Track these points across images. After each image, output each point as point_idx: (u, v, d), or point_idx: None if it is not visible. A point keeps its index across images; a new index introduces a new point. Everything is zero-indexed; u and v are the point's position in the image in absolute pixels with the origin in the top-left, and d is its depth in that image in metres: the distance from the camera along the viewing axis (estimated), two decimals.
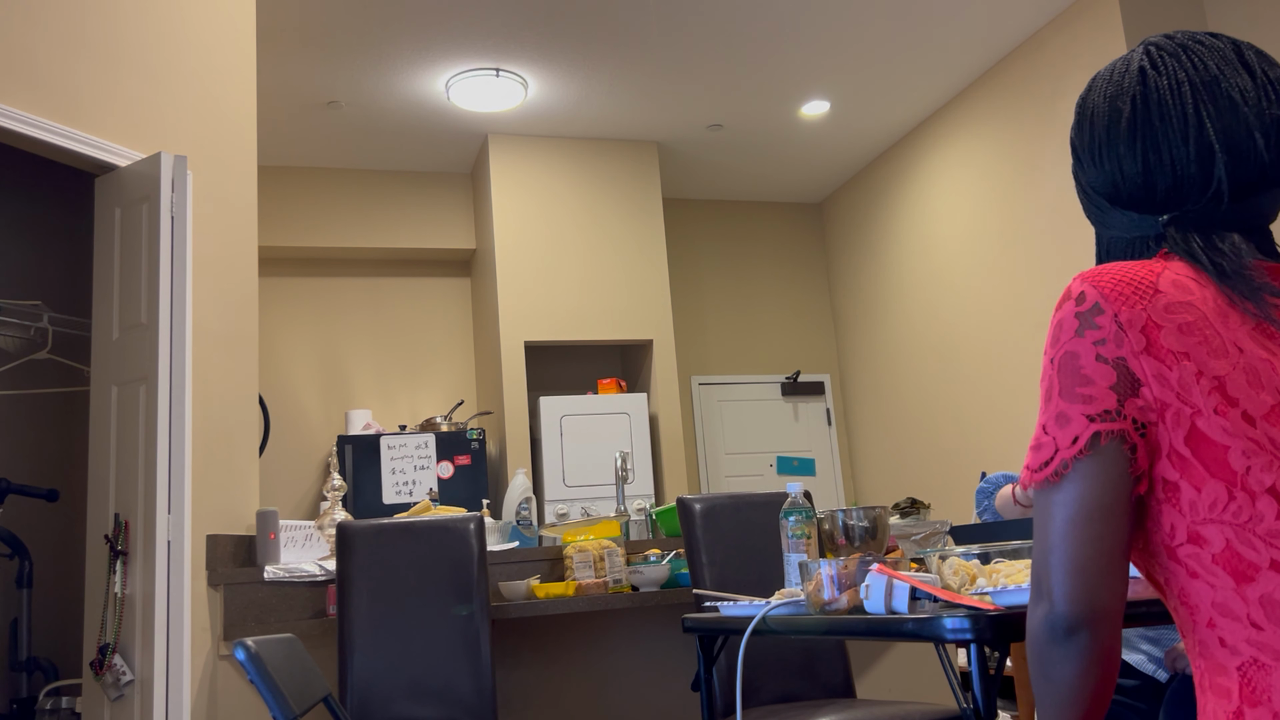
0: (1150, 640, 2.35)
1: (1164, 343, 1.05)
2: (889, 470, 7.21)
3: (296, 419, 6.56)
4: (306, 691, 2.25)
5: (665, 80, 5.94)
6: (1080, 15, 5.40)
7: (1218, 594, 1.04)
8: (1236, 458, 1.03)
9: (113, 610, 3.14)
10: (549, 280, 6.42)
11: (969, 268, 6.31)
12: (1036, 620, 1.09)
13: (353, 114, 6.07)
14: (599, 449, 6.20)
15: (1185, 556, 1.06)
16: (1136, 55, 1.21)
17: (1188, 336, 1.05)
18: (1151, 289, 1.08)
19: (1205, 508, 1.04)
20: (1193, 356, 1.05)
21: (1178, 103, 1.15)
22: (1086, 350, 1.08)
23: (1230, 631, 1.03)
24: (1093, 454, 1.06)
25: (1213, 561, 1.04)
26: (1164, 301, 1.07)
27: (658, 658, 3.59)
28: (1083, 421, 1.06)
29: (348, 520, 3.14)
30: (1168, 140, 1.15)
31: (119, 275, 3.38)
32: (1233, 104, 1.14)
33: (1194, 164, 1.14)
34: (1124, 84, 1.19)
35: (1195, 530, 1.05)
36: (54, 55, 3.30)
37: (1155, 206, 1.17)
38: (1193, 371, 1.04)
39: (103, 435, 3.32)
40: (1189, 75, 1.17)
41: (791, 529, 2.24)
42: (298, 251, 6.68)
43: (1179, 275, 1.10)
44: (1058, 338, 1.11)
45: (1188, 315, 1.06)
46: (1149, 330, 1.06)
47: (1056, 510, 1.07)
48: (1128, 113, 1.18)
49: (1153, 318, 1.06)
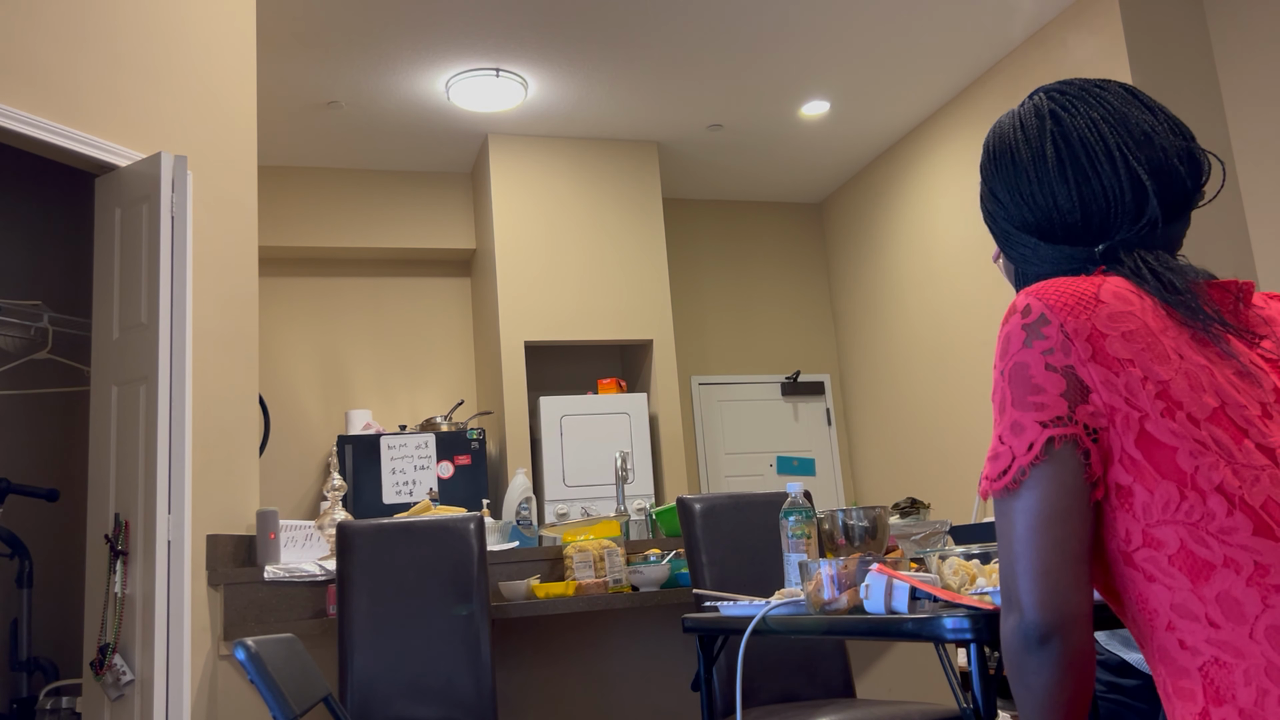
0: None
1: (1109, 350, 1.08)
2: (889, 470, 7.21)
3: (296, 419, 6.56)
4: (306, 691, 2.25)
5: (665, 80, 5.94)
6: (1080, 15, 5.40)
7: (1175, 595, 1.05)
8: (1185, 458, 1.05)
9: (113, 610, 3.14)
10: (549, 280, 6.42)
11: (969, 268, 6.31)
12: (1009, 630, 1.10)
13: (353, 114, 6.07)
14: (599, 449, 6.20)
15: (1141, 560, 1.08)
16: (1042, 102, 1.27)
17: (1131, 343, 1.09)
18: (1094, 299, 1.11)
19: (1159, 509, 1.06)
20: (1137, 362, 1.08)
21: (1098, 139, 1.21)
22: (1035, 360, 1.10)
23: (1189, 633, 1.05)
24: (1048, 460, 1.08)
25: (1169, 563, 1.06)
26: (1107, 311, 1.10)
27: (658, 658, 3.59)
28: (1036, 428, 1.09)
29: (348, 520, 3.14)
30: (1097, 173, 1.20)
31: (119, 275, 3.38)
32: (1147, 137, 1.20)
33: (1128, 193, 1.19)
34: (1040, 127, 1.24)
35: (1150, 533, 1.07)
36: (54, 55, 3.30)
37: (1089, 238, 1.21)
38: (1138, 377, 1.07)
39: (103, 435, 3.32)
40: (1100, 114, 1.22)
41: (791, 529, 2.24)
42: (298, 251, 6.68)
43: (1118, 288, 1.13)
44: (1006, 350, 1.14)
45: (1130, 324, 1.09)
46: (1094, 339, 1.09)
47: (1018, 518, 1.09)
48: (1052, 152, 1.22)
49: (1097, 326, 1.09)
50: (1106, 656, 2.43)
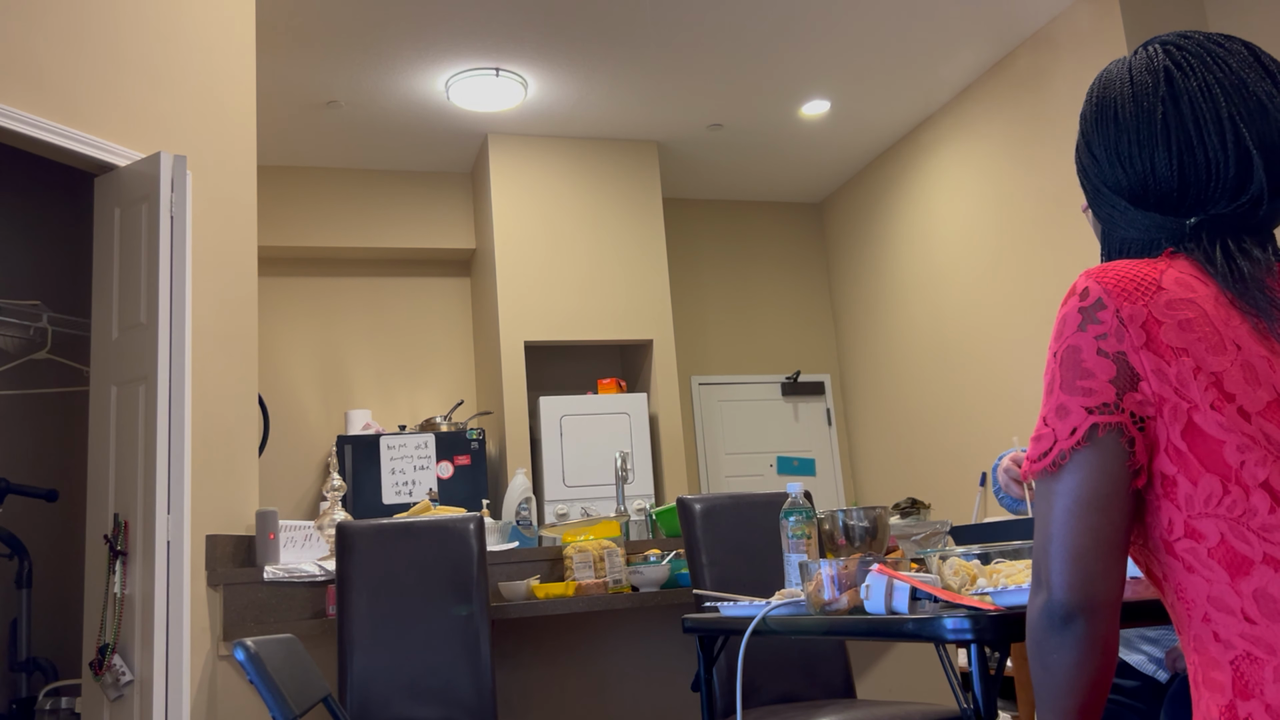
0: (1150, 641, 2.35)
1: (1164, 338, 1.07)
2: (889, 470, 7.21)
3: (296, 419, 6.56)
4: (306, 691, 2.25)
5: (665, 80, 5.94)
6: (1080, 15, 5.40)
7: (1213, 588, 1.05)
8: (1231, 452, 1.04)
9: (112, 610, 3.14)
10: (549, 280, 6.41)
11: (969, 268, 6.31)
12: (1035, 609, 1.11)
13: (353, 114, 6.06)
14: (599, 449, 6.20)
15: (1182, 551, 1.08)
16: (1157, 56, 1.20)
17: (1187, 333, 1.07)
18: (1154, 286, 1.09)
19: (1201, 502, 1.05)
20: (1191, 352, 1.06)
21: (1210, 105, 1.15)
22: (1088, 344, 1.09)
23: (1224, 626, 1.04)
24: (1090, 445, 1.08)
25: (1208, 555, 1.05)
26: (1165, 298, 1.08)
27: (658, 658, 3.58)
28: (1081, 413, 1.08)
29: (347, 520, 3.14)
30: (1204, 144, 1.15)
31: (119, 275, 3.38)
32: (1262, 108, 1.15)
33: (1232, 167, 1.14)
34: (1150, 86, 1.18)
35: (1191, 524, 1.06)
36: (54, 55, 3.30)
37: (1183, 209, 1.17)
38: (1191, 367, 1.05)
39: (102, 435, 3.32)
40: (1217, 78, 1.16)
41: (791, 529, 2.24)
42: (298, 251, 6.68)
43: (1182, 273, 1.11)
44: (1061, 332, 1.12)
45: (1188, 312, 1.07)
46: (1149, 326, 1.07)
47: (1055, 500, 1.09)
48: (1160, 114, 1.17)
49: (1154, 314, 1.08)
50: None
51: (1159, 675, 2.33)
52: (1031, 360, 5.79)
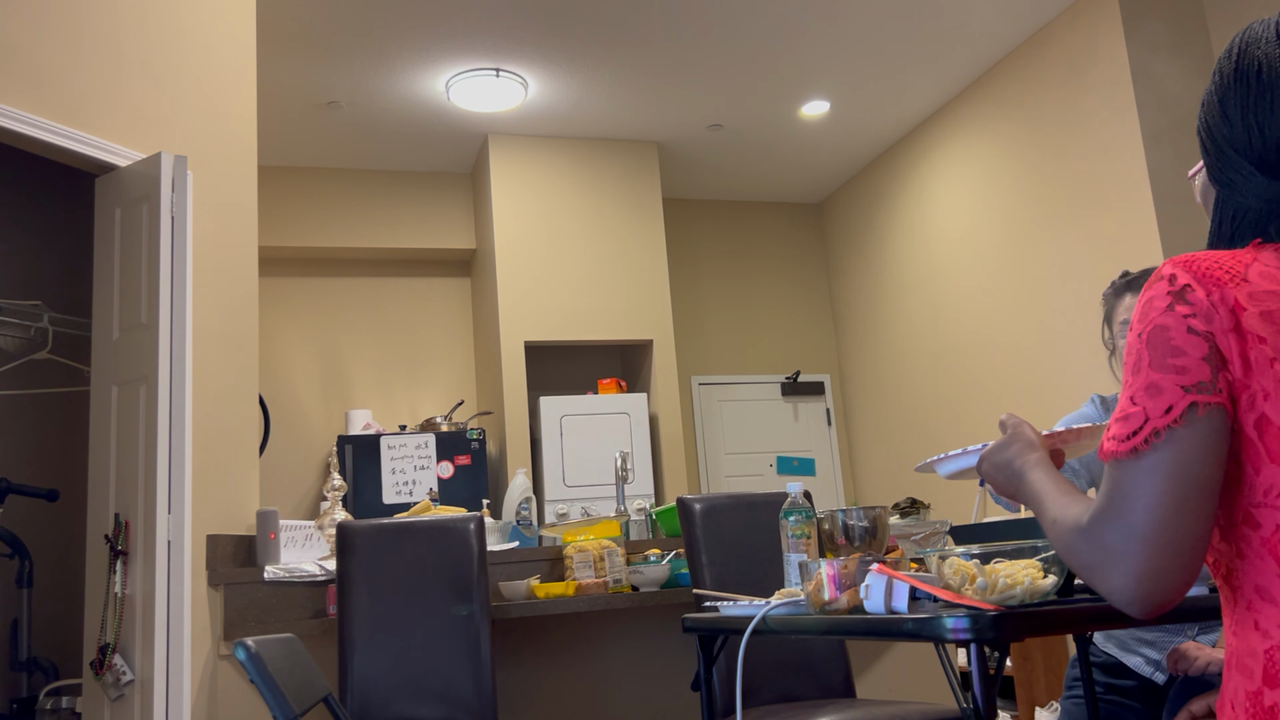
0: (1148, 644, 2.35)
1: (1247, 325, 1.05)
2: (889, 470, 7.21)
3: (296, 419, 6.56)
4: (306, 691, 2.25)
5: (665, 80, 5.94)
6: (1080, 15, 5.40)
7: (1261, 577, 1.05)
8: None
9: (113, 610, 3.14)
10: (549, 280, 6.42)
11: (969, 267, 6.31)
12: (1108, 592, 1.06)
13: (353, 114, 6.07)
14: (599, 449, 6.20)
15: (1238, 538, 1.07)
16: None
17: (1268, 323, 1.05)
18: (1240, 277, 1.08)
19: (1261, 492, 1.04)
20: (1269, 342, 1.05)
21: None
22: (1177, 323, 1.06)
23: (1265, 615, 1.05)
24: (1188, 425, 1.03)
25: (1260, 545, 1.05)
26: (1250, 289, 1.07)
27: (658, 658, 3.59)
28: (1177, 391, 1.04)
29: (348, 520, 3.14)
30: None
31: (119, 275, 3.38)
32: None
33: None
34: None
35: (1249, 512, 1.05)
36: (54, 55, 3.30)
37: None
38: (1268, 356, 1.04)
39: (103, 435, 3.32)
40: None
41: (791, 529, 2.24)
42: (298, 251, 6.68)
43: (1268, 266, 1.09)
44: (1146, 314, 1.09)
45: (1270, 304, 1.06)
46: (1237, 310, 1.05)
47: (1143, 481, 1.04)
48: None
49: (1240, 300, 1.06)
50: (1104, 659, 2.43)
51: (1156, 677, 2.34)
52: (1031, 360, 5.79)
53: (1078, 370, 5.46)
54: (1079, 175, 5.43)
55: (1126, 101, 5.11)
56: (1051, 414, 5.62)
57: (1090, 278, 5.37)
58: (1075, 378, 5.48)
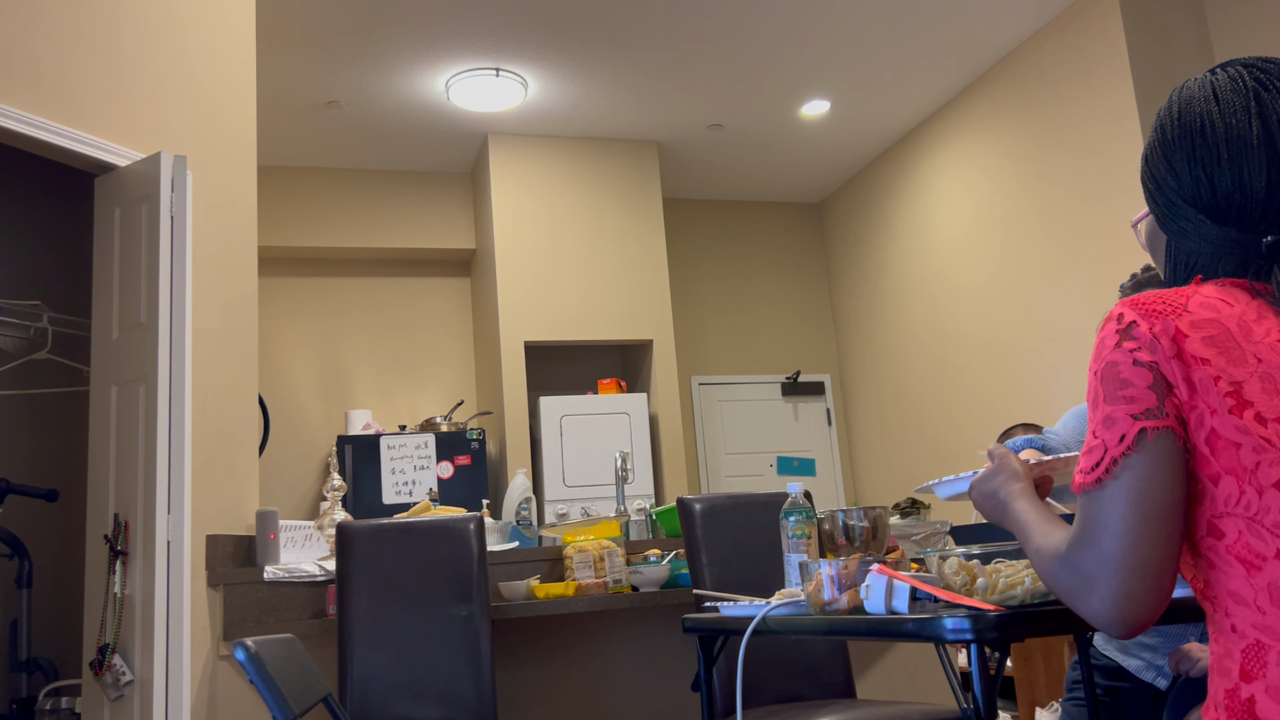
0: (1149, 648, 2.35)
1: (1189, 349, 1.12)
2: (889, 470, 7.21)
3: (296, 419, 6.56)
4: (306, 691, 2.25)
5: (665, 80, 5.94)
6: (1080, 16, 5.40)
7: (1232, 582, 1.12)
8: (1247, 454, 1.10)
9: (112, 610, 3.14)
10: (549, 280, 6.41)
11: (969, 268, 6.31)
12: (1084, 612, 1.14)
13: (353, 114, 6.06)
14: (599, 449, 6.20)
15: (1205, 549, 1.14)
16: (1241, 77, 1.23)
17: (1210, 347, 1.13)
18: (1181, 308, 1.15)
19: (1221, 502, 1.11)
20: (1213, 363, 1.12)
21: None
22: (1124, 358, 1.15)
23: (1240, 617, 1.11)
24: (1141, 451, 1.12)
25: (1227, 551, 1.11)
26: (1191, 319, 1.14)
27: (658, 658, 3.58)
28: (1128, 420, 1.13)
29: (347, 520, 3.14)
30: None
31: (119, 275, 3.38)
32: None
33: None
34: (1242, 105, 1.20)
35: (1214, 523, 1.12)
36: (54, 55, 3.30)
37: (1263, 226, 1.20)
38: (1211, 375, 1.11)
39: (103, 435, 3.32)
40: None
41: (791, 529, 2.24)
42: (298, 251, 6.68)
43: (1208, 298, 1.17)
44: (1099, 353, 1.18)
45: (1212, 330, 1.13)
46: (1178, 338, 1.13)
47: (1110, 507, 1.12)
48: (1257, 131, 1.19)
49: (1181, 329, 1.13)
50: (1103, 662, 2.43)
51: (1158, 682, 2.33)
52: (1031, 360, 5.79)
53: (1078, 370, 5.46)
54: (1079, 175, 5.43)
55: (1126, 101, 5.11)
56: (1052, 414, 5.62)
57: (1090, 278, 5.37)
58: (1075, 377, 5.48)
